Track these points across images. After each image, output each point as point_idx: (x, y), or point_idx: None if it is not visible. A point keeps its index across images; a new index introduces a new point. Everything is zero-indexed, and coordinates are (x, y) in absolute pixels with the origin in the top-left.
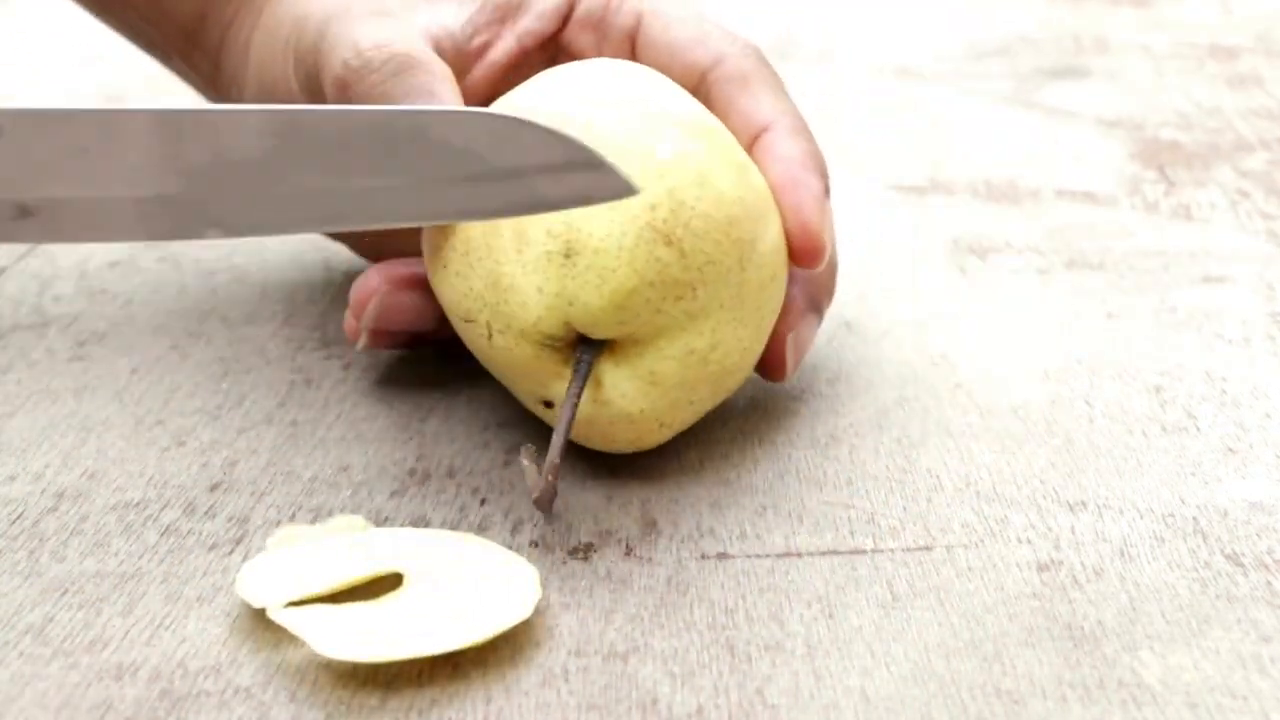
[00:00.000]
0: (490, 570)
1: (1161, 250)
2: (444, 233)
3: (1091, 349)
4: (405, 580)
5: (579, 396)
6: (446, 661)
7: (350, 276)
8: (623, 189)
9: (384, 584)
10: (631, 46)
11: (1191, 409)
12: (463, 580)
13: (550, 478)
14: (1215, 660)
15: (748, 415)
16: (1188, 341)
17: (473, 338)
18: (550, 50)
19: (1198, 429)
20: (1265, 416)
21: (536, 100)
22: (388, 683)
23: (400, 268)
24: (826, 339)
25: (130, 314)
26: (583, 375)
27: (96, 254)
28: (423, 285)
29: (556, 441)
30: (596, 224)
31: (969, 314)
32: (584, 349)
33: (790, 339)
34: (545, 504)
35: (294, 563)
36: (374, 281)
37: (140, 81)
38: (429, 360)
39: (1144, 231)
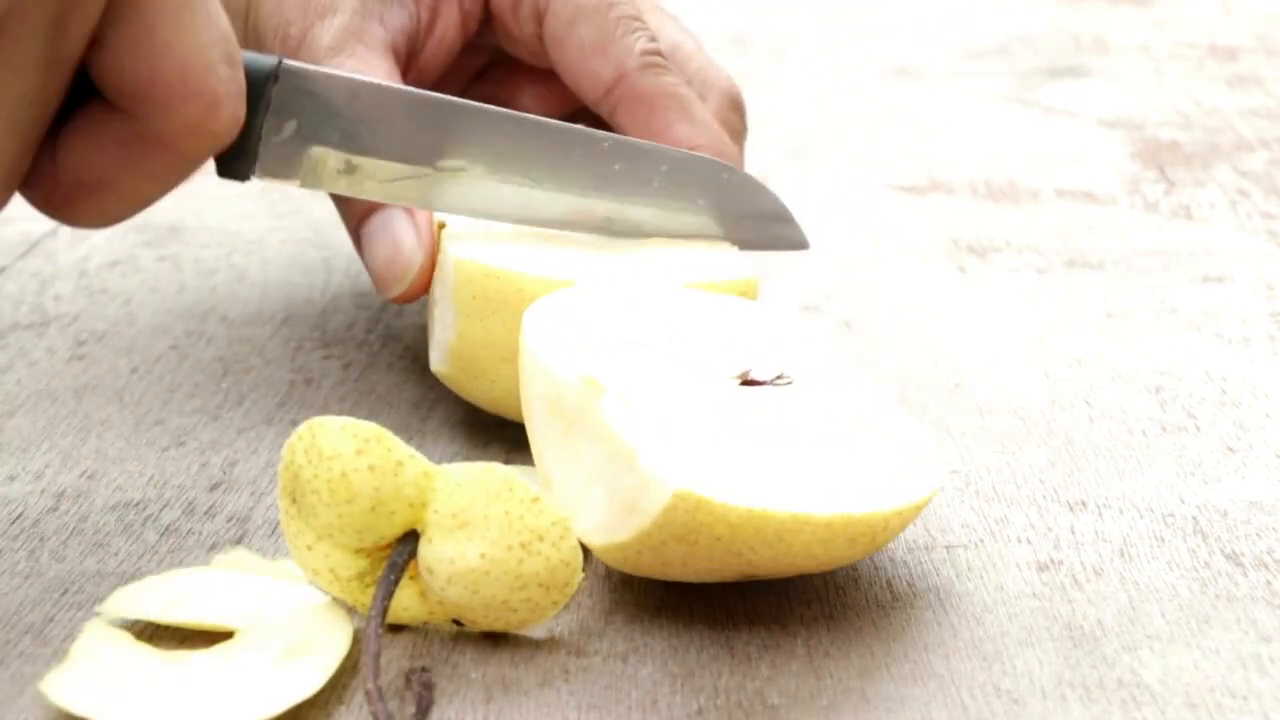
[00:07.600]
0: (302, 633)
1: (1161, 250)
2: None
3: (1091, 349)
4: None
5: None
6: (446, 661)
7: (350, 277)
8: (801, 242)
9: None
10: (539, 25)
11: (1191, 409)
12: (271, 648)
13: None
14: (1215, 660)
15: None
16: (1188, 341)
17: None
18: (488, 25)
19: (1198, 429)
20: (1265, 416)
21: None
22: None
23: None
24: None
25: (130, 314)
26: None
27: (96, 254)
28: None
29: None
30: None
31: (969, 314)
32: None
33: None
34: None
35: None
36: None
37: None
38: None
39: (1144, 231)
